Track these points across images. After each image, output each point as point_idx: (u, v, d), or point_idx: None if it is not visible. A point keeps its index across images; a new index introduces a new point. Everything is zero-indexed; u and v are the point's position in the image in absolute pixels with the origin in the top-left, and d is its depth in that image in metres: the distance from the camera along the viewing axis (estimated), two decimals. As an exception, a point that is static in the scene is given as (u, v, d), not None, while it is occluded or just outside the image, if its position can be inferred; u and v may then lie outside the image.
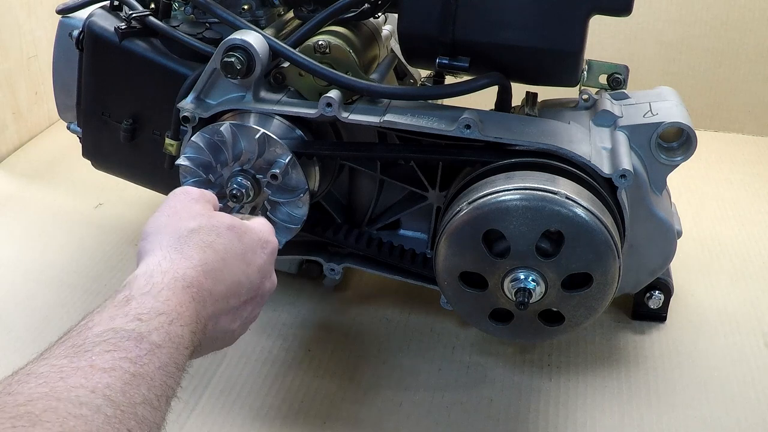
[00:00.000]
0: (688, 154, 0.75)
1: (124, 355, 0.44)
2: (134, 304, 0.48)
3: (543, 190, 0.66)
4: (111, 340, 0.44)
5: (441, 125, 0.73)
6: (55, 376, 0.41)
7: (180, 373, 0.47)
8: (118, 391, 0.42)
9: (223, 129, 0.75)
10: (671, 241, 0.78)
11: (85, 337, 0.45)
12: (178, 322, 0.48)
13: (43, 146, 1.29)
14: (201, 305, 0.52)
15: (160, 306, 0.48)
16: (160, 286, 0.49)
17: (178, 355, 0.47)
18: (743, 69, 1.36)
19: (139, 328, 0.46)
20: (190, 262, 0.52)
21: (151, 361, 0.45)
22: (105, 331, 0.45)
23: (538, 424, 0.74)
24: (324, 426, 0.73)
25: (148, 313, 0.47)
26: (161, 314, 0.47)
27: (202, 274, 0.52)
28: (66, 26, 0.89)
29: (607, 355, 0.82)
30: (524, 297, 0.66)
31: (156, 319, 0.47)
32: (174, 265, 0.52)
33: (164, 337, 0.47)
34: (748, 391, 0.78)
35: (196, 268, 0.52)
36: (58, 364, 0.42)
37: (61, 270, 0.96)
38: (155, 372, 0.45)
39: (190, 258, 0.53)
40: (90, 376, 0.42)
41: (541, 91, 0.82)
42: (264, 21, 0.85)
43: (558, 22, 0.71)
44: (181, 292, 0.50)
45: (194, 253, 0.53)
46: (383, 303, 0.90)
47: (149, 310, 0.47)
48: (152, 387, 0.44)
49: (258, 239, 0.59)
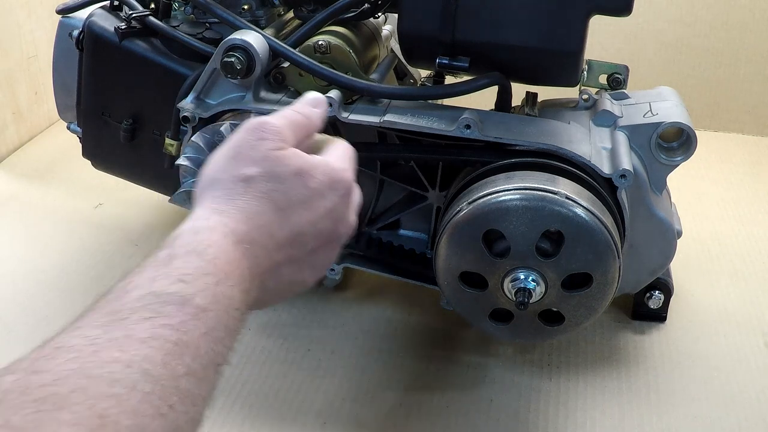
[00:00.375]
0: (688, 154, 0.75)
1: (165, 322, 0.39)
2: (178, 263, 0.43)
3: (543, 190, 0.66)
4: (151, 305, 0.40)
5: (441, 125, 0.73)
6: (86, 349, 0.37)
7: (230, 337, 0.43)
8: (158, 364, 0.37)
9: (223, 129, 0.75)
10: (671, 241, 0.78)
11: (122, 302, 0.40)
12: (226, 282, 0.44)
13: (43, 146, 1.29)
14: (254, 261, 0.48)
15: (206, 265, 0.44)
16: (207, 242, 0.45)
17: (228, 318, 0.43)
18: (743, 69, 1.36)
19: (183, 290, 0.41)
20: (242, 215, 0.48)
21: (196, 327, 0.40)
22: (144, 295, 0.41)
23: (538, 424, 0.74)
24: (324, 426, 0.73)
25: (192, 274, 0.43)
26: (207, 274, 0.43)
27: (255, 228, 0.48)
28: (66, 26, 0.89)
29: (607, 355, 0.82)
30: (524, 297, 0.66)
31: (201, 279, 0.43)
32: (224, 218, 0.47)
33: (210, 299, 0.42)
34: (748, 391, 0.78)
35: (248, 222, 0.48)
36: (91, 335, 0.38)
37: (61, 270, 0.96)
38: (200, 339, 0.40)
39: (243, 210, 0.48)
40: (126, 348, 0.37)
41: (541, 91, 0.82)
42: (264, 21, 0.85)
43: (558, 22, 0.71)
44: (231, 249, 0.46)
45: (248, 205, 0.49)
46: (383, 303, 0.90)
47: (194, 269, 0.43)
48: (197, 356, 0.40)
49: (329, 180, 0.53)
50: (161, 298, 0.41)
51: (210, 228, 0.46)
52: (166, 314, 0.40)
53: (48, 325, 0.86)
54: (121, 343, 0.37)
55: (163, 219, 1.07)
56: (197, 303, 0.41)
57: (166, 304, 0.40)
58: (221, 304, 0.43)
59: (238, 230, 0.47)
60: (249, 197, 0.49)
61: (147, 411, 0.35)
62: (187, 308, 0.41)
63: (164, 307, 0.40)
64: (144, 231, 1.04)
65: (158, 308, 0.40)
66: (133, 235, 1.03)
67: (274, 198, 0.50)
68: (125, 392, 0.35)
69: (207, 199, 0.49)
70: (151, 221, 1.06)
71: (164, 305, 0.40)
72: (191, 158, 0.78)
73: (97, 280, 0.94)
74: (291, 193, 0.50)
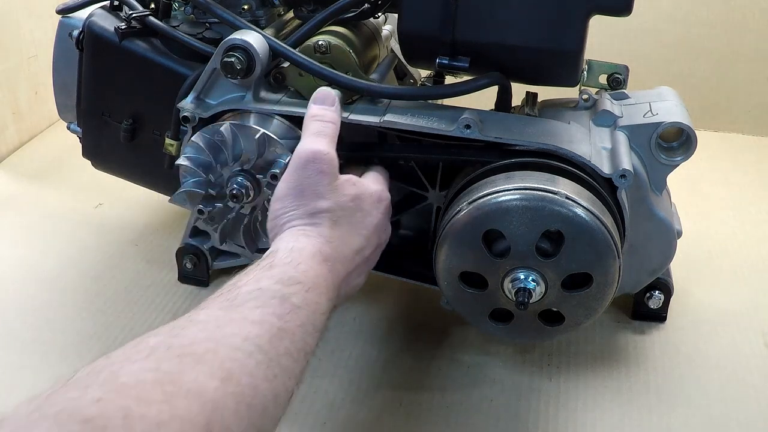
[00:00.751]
0: (688, 154, 0.75)
1: (271, 311, 0.50)
2: (276, 271, 0.55)
3: (543, 190, 0.66)
4: (260, 297, 0.51)
5: (441, 125, 0.73)
6: (212, 324, 0.47)
7: (317, 333, 0.54)
8: (266, 342, 0.48)
9: (223, 129, 0.75)
10: (671, 241, 0.78)
11: (236, 294, 0.51)
12: (314, 290, 0.55)
13: (43, 146, 1.29)
14: (335, 274, 0.60)
15: (299, 276, 0.55)
16: (299, 260, 0.57)
17: (315, 318, 0.54)
18: (743, 69, 1.36)
19: (282, 290, 0.53)
20: (324, 239, 0.61)
21: (293, 319, 0.51)
22: (253, 290, 0.52)
23: (538, 424, 0.74)
24: (324, 426, 0.73)
25: (288, 281, 0.54)
26: (299, 283, 0.54)
27: (334, 248, 0.61)
28: (66, 26, 0.89)
29: (607, 355, 0.82)
30: (524, 297, 0.66)
31: (295, 286, 0.54)
32: (310, 241, 0.60)
33: (303, 301, 0.53)
34: (748, 391, 0.78)
35: (330, 244, 0.61)
36: (215, 314, 0.49)
37: (61, 270, 0.96)
38: (296, 329, 0.51)
39: (323, 235, 0.61)
40: (242, 326, 0.48)
41: (541, 91, 0.82)
42: (264, 21, 0.85)
43: (558, 22, 0.71)
44: (318, 266, 0.58)
45: (326, 230, 0.62)
46: (383, 303, 0.90)
47: (289, 278, 0.54)
48: (294, 341, 0.50)
49: (373, 201, 0.68)
50: (266, 294, 0.52)
51: (300, 249, 0.59)
52: (271, 305, 0.51)
53: (48, 325, 0.86)
54: (238, 323, 0.48)
55: (163, 219, 1.07)
56: (293, 302, 0.52)
57: (271, 298, 0.52)
58: (311, 307, 0.54)
59: (323, 251, 0.60)
60: (326, 225, 0.62)
61: (259, 374, 0.46)
62: (287, 304, 0.52)
63: (270, 300, 0.51)
64: (144, 231, 1.04)
65: (265, 300, 0.51)
66: (133, 235, 1.03)
67: (341, 223, 0.63)
68: (244, 358, 0.46)
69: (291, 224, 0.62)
70: (151, 221, 1.06)
71: (270, 299, 0.51)
72: (191, 158, 0.78)
73: (97, 280, 0.94)
74: (352, 217, 0.65)
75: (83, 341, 0.83)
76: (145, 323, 0.86)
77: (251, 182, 0.76)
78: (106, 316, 0.88)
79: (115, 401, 0.38)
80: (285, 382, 0.48)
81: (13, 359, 0.81)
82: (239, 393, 0.44)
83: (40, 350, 0.82)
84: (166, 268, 0.95)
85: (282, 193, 0.64)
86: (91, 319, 0.87)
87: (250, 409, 0.44)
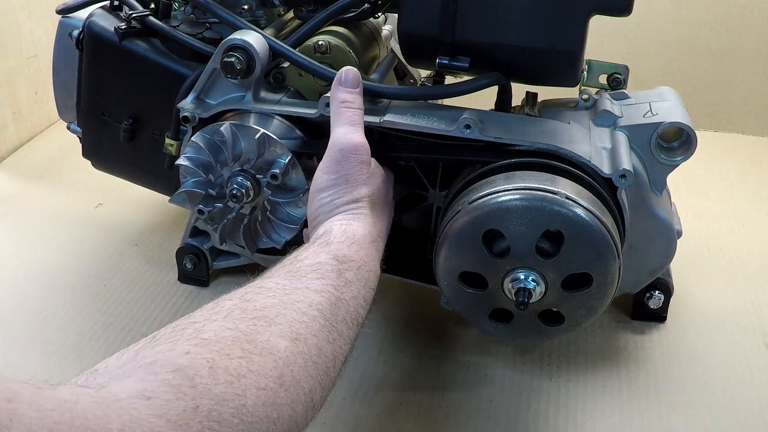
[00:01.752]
0: (688, 154, 0.75)
1: (330, 282, 0.56)
2: (333, 248, 0.60)
3: (543, 190, 0.66)
4: (319, 270, 0.57)
5: (441, 125, 0.73)
6: (280, 291, 0.53)
7: (367, 306, 0.60)
8: (326, 309, 0.54)
9: (223, 129, 0.75)
10: (671, 241, 0.78)
11: (298, 266, 0.57)
12: (365, 267, 0.61)
13: (43, 146, 1.29)
14: (379, 251, 0.67)
15: (352, 254, 0.61)
16: (351, 240, 0.62)
17: (366, 292, 0.60)
18: (743, 69, 1.36)
19: (338, 266, 0.58)
20: (370, 221, 0.66)
21: (348, 291, 0.57)
22: (313, 263, 0.58)
23: (538, 424, 0.74)
24: (324, 426, 0.73)
25: (342, 258, 0.59)
26: (352, 261, 0.60)
27: (378, 229, 0.67)
28: (66, 26, 0.89)
29: (607, 355, 0.82)
30: (524, 297, 0.66)
31: (348, 263, 0.59)
32: (360, 223, 0.65)
33: (354, 276, 0.59)
34: (748, 391, 0.78)
35: (374, 226, 0.66)
36: (281, 283, 0.54)
37: (61, 270, 0.96)
38: (350, 300, 0.57)
39: (368, 216, 0.67)
40: (306, 294, 0.54)
41: (541, 91, 0.82)
42: (264, 21, 0.85)
43: (558, 22, 0.71)
44: (368, 247, 0.64)
45: (369, 212, 0.67)
46: (383, 303, 0.90)
47: (343, 256, 0.60)
48: (348, 311, 0.56)
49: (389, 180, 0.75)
50: (324, 267, 0.57)
51: (353, 231, 0.64)
52: (330, 278, 0.57)
53: (48, 325, 0.86)
54: (302, 291, 0.54)
55: (163, 219, 1.07)
56: (347, 276, 0.58)
57: (329, 271, 0.57)
58: (362, 282, 0.60)
59: (371, 233, 0.65)
60: (368, 208, 0.67)
61: (322, 336, 0.52)
62: (342, 278, 0.58)
63: (328, 273, 0.57)
64: (144, 231, 1.04)
65: (324, 273, 0.57)
66: (133, 235, 1.03)
67: (377, 202, 0.69)
68: (309, 321, 0.52)
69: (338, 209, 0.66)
70: (151, 221, 1.06)
71: (328, 272, 0.57)
72: (191, 158, 0.78)
73: (97, 280, 0.94)
74: (386, 196, 0.72)
75: (83, 341, 0.83)
76: (145, 323, 0.86)
77: (251, 182, 0.76)
78: (106, 316, 0.88)
79: (202, 354, 0.43)
80: (342, 346, 0.54)
81: (13, 359, 0.81)
82: (306, 352, 0.49)
83: (40, 350, 0.82)
84: (166, 268, 0.95)
85: (325, 184, 0.67)
86: (91, 319, 0.87)
87: (316, 367, 0.50)
